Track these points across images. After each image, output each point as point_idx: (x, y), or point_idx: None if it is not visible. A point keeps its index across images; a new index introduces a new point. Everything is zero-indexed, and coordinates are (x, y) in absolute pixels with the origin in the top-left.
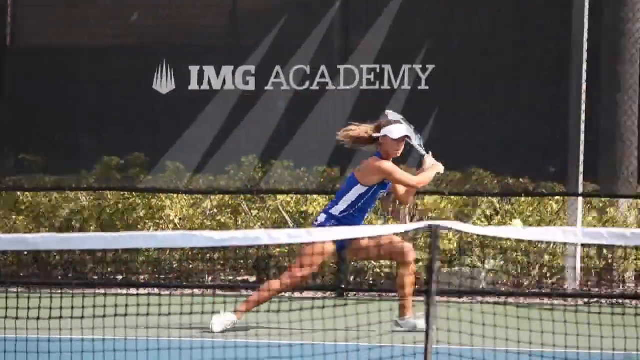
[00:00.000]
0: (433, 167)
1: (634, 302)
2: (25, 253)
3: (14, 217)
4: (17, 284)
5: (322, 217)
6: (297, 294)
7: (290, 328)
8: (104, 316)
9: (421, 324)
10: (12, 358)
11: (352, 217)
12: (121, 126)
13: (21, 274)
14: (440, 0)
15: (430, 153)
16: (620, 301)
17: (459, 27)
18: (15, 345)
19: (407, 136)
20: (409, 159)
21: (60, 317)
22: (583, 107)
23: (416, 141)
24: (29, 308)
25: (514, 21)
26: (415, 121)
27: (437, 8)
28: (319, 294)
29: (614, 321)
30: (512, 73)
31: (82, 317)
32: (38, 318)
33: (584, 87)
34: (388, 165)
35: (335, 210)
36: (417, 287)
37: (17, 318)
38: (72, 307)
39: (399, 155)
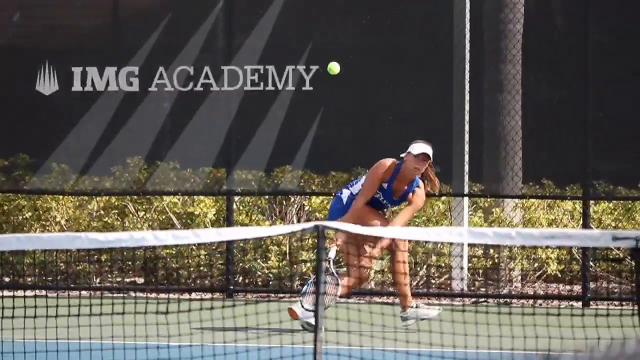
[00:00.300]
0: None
1: (520, 301)
2: None
3: None
4: None
5: (345, 194)
6: (185, 295)
7: (178, 329)
8: None
9: (433, 312)
10: None
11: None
12: (5, 127)
13: None
14: (323, 1)
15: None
16: (507, 300)
17: (343, 28)
18: None
19: (425, 153)
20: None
21: None
22: (467, 108)
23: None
24: None
25: (395, 22)
26: (300, 121)
27: (320, 9)
28: (208, 295)
29: (501, 320)
30: (395, 74)
31: None
32: None
33: (467, 88)
34: (365, 180)
35: (354, 189)
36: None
37: None
38: None
39: (417, 174)
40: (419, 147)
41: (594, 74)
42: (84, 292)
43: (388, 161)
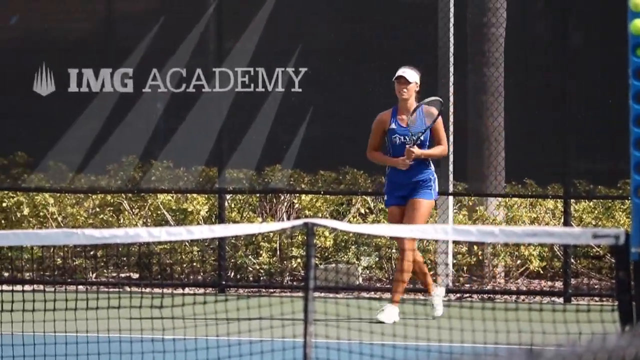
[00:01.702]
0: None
1: (503, 297)
2: None
3: None
4: None
5: None
6: (179, 290)
7: (173, 323)
8: None
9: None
10: None
11: None
12: (4, 127)
13: None
14: (311, 4)
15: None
16: (491, 296)
17: (330, 31)
18: None
19: (401, 76)
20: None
21: None
22: (451, 109)
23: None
24: None
25: (381, 25)
26: (290, 122)
27: (308, 12)
28: (201, 290)
29: (484, 315)
30: (381, 75)
31: None
32: None
33: (452, 89)
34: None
35: None
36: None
37: None
38: None
39: (404, 96)
40: (398, 72)
41: (573, 75)
42: (80, 287)
43: (381, 113)
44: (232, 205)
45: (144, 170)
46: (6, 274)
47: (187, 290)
